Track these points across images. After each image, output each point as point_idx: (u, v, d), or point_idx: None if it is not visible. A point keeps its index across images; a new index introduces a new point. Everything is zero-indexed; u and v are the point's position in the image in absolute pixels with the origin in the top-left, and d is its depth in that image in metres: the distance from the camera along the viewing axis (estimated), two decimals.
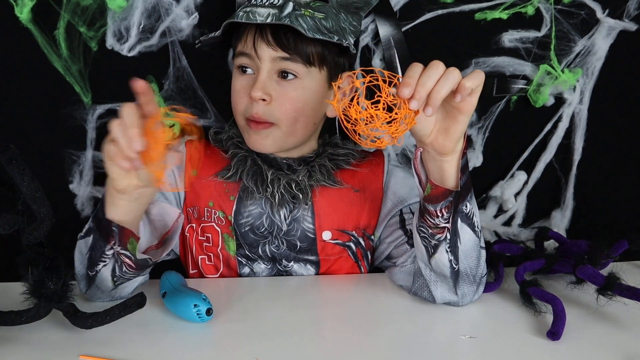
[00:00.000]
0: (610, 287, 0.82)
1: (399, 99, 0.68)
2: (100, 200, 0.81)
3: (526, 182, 1.27)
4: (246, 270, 1.00)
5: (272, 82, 0.92)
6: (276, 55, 0.90)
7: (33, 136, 1.14)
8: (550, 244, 1.09)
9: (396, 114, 0.68)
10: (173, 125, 1.17)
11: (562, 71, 1.20)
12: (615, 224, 1.28)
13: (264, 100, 0.91)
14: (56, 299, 0.75)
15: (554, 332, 0.76)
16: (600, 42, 1.19)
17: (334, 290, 0.95)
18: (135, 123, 0.68)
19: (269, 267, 1.00)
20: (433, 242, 0.81)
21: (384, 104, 0.69)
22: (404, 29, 1.17)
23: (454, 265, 0.82)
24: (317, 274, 1.01)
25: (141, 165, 0.70)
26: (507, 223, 1.29)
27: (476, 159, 1.24)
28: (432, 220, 0.80)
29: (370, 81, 0.69)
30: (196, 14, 1.12)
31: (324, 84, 0.95)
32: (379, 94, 0.69)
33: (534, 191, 1.28)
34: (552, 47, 1.19)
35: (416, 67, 0.69)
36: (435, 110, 0.69)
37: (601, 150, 1.26)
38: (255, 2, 0.91)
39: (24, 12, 1.06)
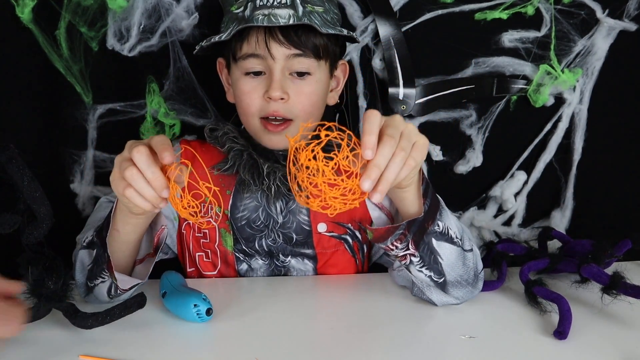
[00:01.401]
0: (615, 286, 0.82)
1: (352, 169, 0.65)
2: (106, 218, 0.82)
3: (526, 182, 1.27)
4: (244, 266, 1.00)
5: (287, 80, 0.93)
6: (290, 53, 0.91)
7: (34, 136, 1.14)
8: (553, 244, 1.09)
9: (342, 180, 0.65)
10: (173, 125, 1.18)
11: (562, 71, 1.20)
12: (615, 223, 1.27)
13: (282, 99, 0.92)
14: (56, 298, 0.76)
15: (561, 332, 0.76)
16: (600, 42, 1.19)
17: (334, 290, 0.96)
18: (158, 173, 0.70)
19: (266, 262, 1.00)
20: (402, 264, 0.84)
21: (335, 163, 0.65)
22: (404, 29, 1.17)
23: (436, 279, 0.83)
24: (315, 268, 1.01)
25: (165, 203, 0.73)
26: (507, 223, 1.29)
27: (476, 159, 1.24)
28: (389, 253, 0.82)
29: (336, 138, 0.66)
30: (196, 14, 1.12)
31: (329, 75, 0.98)
32: (336, 152, 0.65)
33: (533, 191, 1.28)
34: (552, 47, 1.19)
35: (374, 119, 0.67)
36: (384, 196, 0.68)
37: (601, 150, 1.25)
38: (264, 4, 0.90)
39: (25, 12, 1.06)
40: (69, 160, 1.17)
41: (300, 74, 0.93)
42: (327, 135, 0.66)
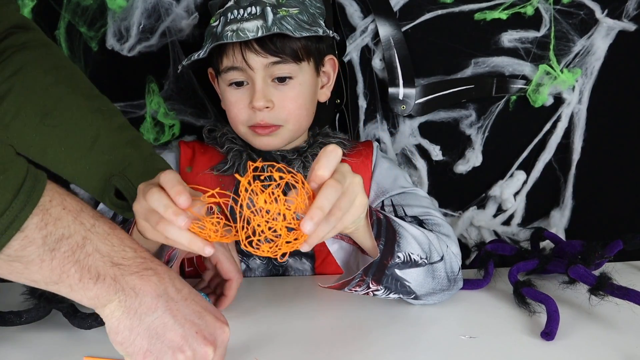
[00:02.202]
0: (602, 287, 0.82)
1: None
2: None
3: (525, 182, 1.27)
4: (242, 266, 1.00)
5: (270, 87, 0.93)
6: (268, 62, 0.91)
7: None
8: (548, 244, 1.09)
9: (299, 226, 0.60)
10: (173, 125, 1.18)
11: (561, 71, 1.20)
12: (614, 223, 1.28)
13: (267, 107, 0.92)
14: (56, 299, 0.76)
15: (548, 333, 0.76)
16: (599, 42, 1.19)
17: (332, 290, 0.95)
18: (168, 205, 0.63)
19: (264, 262, 1.00)
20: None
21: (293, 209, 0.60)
22: (404, 29, 1.17)
23: (406, 298, 0.81)
24: (312, 267, 1.01)
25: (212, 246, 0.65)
26: (507, 222, 1.29)
27: (476, 159, 1.24)
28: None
29: (290, 181, 0.61)
30: (196, 14, 1.12)
31: (314, 73, 0.98)
32: (294, 195, 0.61)
33: (533, 191, 1.28)
34: (551, 47, 1.19)
35: (333, 157, 0.63)
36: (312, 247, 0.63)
37: (600, 150, 1.26)
38: (234, 17, 0.90)
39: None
40: None
41: (282, 79, 0.93)
42: (281, 178, 0.61)
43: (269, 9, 0.89)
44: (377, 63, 1.19)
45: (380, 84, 1.21)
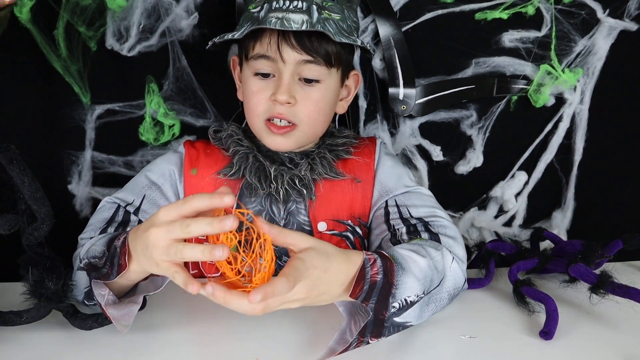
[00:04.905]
0: (603, 285, 0.82)
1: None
2: (109, 252, 0.73)
3: (527, 183, 1.27)
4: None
5: (296, 85, 0.92)
6: (301, 59, 0.91)
7: (32, 136, 1.14)
8: (548, 244, 1.09)
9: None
10: (173, 125, 1.17)
11: (563, 71, 1.20)
12: (616, 224, 1.28)
13: (289, 103, 0.92)
14: (56, 299, 0.75)
15: (547, 332, 0.76)
16: (601, 42, 1.19)
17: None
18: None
19: None
20: None
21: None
22: (404, 29, 1.17)
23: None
24: None
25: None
26: (508, 223, 1.29)
27: (477, 159, 1.24)
28: None
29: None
30: (196, 13, 1.11)
31: (339, 83, 0.98)
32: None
33: (534, 191, 1.28)
34: (552, 47, 1.19)
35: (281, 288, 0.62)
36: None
37: (602, 151, 1.25)
38: (279, 6, 0.90)
39: (23, 12, 1.05)
40: (66, 161, 1.16)
41: (309, 81, 0.93)
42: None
43: (314, 7, 0.90)
44: (377, 63, 1.19)
45: (380, 84, 1.20)
